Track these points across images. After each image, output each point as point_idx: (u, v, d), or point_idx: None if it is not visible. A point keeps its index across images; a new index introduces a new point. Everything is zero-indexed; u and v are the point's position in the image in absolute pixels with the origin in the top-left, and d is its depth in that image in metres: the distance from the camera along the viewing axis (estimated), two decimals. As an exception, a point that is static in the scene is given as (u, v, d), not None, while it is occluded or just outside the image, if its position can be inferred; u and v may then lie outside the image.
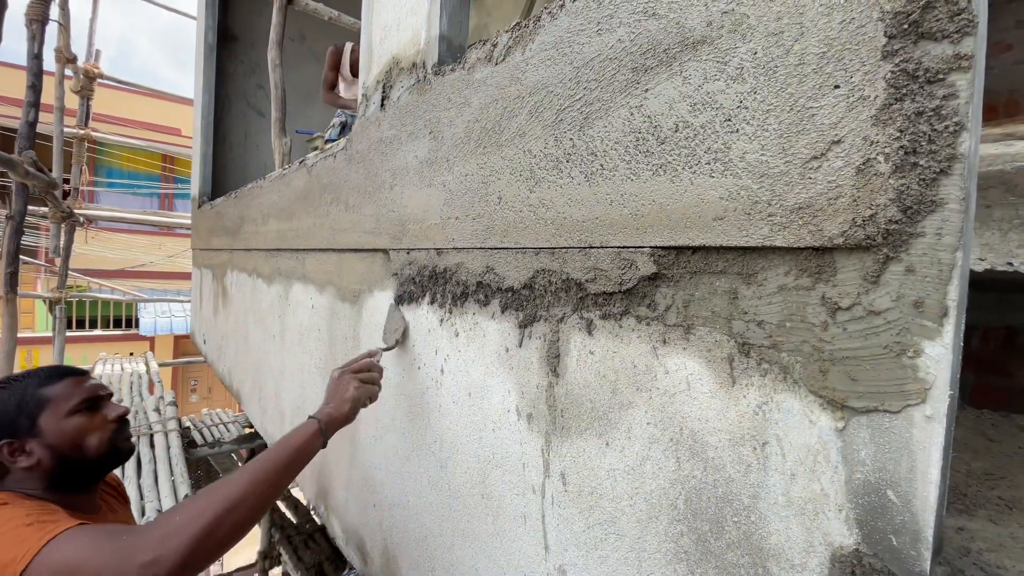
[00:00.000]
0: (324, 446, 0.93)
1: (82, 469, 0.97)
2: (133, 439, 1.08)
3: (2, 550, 0.74)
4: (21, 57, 3.03)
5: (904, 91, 0.43)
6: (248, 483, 0.80)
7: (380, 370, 1.06)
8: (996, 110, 1.79)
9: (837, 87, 0.47)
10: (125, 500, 1.22)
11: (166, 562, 0.70)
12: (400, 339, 1.14)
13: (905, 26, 0.43)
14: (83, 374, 1.04)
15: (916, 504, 0.44)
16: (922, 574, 0.43)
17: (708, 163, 0.56)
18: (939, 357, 0.43)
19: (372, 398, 1.02)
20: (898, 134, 0.44)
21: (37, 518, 0.80)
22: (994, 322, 1.69)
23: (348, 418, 0.97)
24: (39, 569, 0.72)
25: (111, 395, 1.08)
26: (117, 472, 1.14)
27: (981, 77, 0.43)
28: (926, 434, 0.43)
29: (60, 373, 1.00)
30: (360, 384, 1.00)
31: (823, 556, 0.49)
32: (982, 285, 1.56)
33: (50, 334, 5.04)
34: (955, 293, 0.42)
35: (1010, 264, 1.18)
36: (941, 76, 0.42)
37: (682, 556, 0.61)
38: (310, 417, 0.94)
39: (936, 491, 0.43)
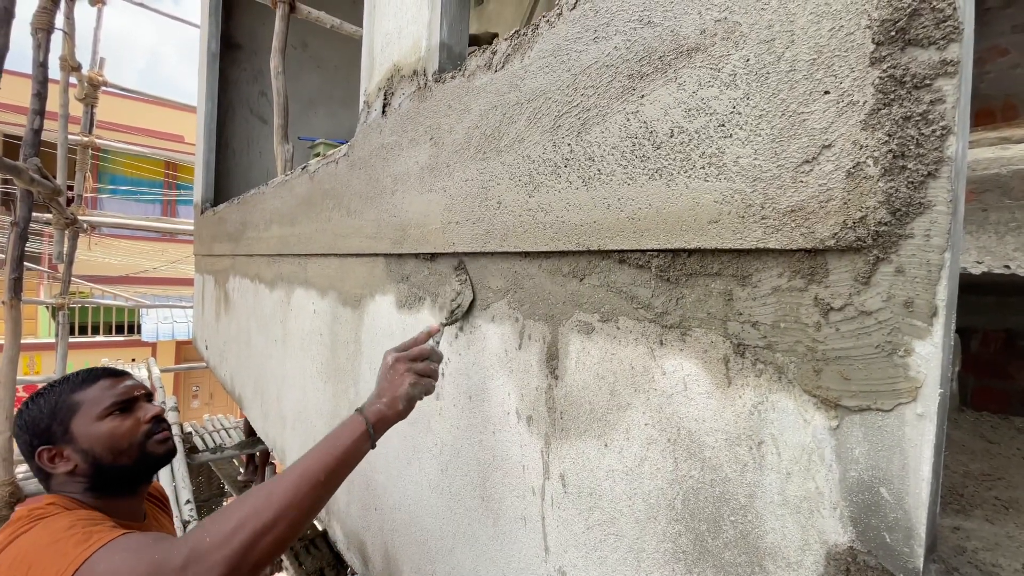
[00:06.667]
0: (373, 447, 0.82)
1: (119, 473, 0.96)
2: (171, 442, 1.04)
3: (45, 564, 0.73)
4: (27, 65, 3.06)
5: (892, 96, 0.44)
6: (285, 500, 0.72)
7: (440, 357, 0.91)
8: (993, 114, 1.80)
9: (827, 93, 0.48)
10: (168, 511, 1.21)
11: None
12: (467, 307, 0.94)
13: (892, 33, 0.44)
14: (119, 375, 1.03)
15: (909, 501, 0.44)
16: (916, 571, 0.44)
17: (703, 167, 0.58)
18: (929, 356, 0.43)
19: (429, 391, 0.87)
20: (886, 138, 0.45)
21: (80, 528, 0.78)
22: (993, 325, 1.69)
23: (401, 416, 0.84)
24: None
25: (149, 395, 1.06)
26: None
27: (968, 82, 0.44)
28: (918, 432, 0.44)
29: (94, 376, 1.00)
30: (417, 378, 0.84)
31: (818, 554, 0.50)
32: (981, 288, 1.56)
33: (53, 340, 5.05)
34: (944, 293, 0.43)
35: (1007, 267, 1.19)
36: (928, 82, 0.43)
37: (680, 556, 0.62)
38: (358, 410, 0.83)
39: (928, 488, 0.43)
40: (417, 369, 0.85)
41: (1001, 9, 1.84)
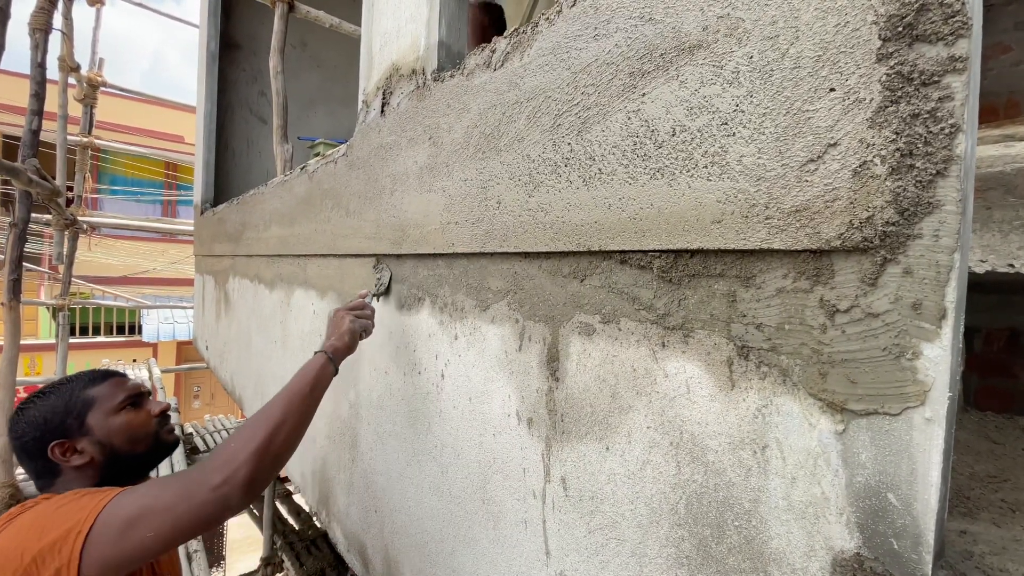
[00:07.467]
0: (336, 373, 1.01)
1: (132, 463, 1.01)
2: (176, 432, 1.13)
3: (62, 519, 0.76)
4: (25, 66, 3.05)
5: (899, 93, 0.43)
6: (283, 409, 0.88)
7: (372, 310, 1.17)
8: (996, 112, 1.79)
9: (832, 90, 0.47)
10: None
11: (235, 479, 0.78)
12: (387, 284, 1.27)
13: (899, 29, 0.43)
14: (123, 376, 1.09)
15: (917, 507, 0.43)
16: (924, 578, 0.43)
17: (705, 167, 0.57)
18: (938, 359, 0.43)
19: (367, 331, 1.12)
20: (894, 136, 0.44)
21: (90, 491, 0.83)
22: (997, 324, 1.68)
23: (349, 347, 1.06)
24: (107, 523, 0.75)
25: (150, 393, 1.13)
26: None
27: (976, 79, 0.43)
28: (926, 436, 0.43)
29: (102, 375, 1.06)
30: (355, 318, 1.09)
31: (824, 560, 0.49)
32: (984, 287, 1.55)
33: (53, 341, 5.05)
34: (953, 295, 0.42)
35: (1011, 266, 1.18)
36: (936, 78, 0.42)
37: (683, 561, 0.61)
38: (316, 352, 1.01)
39: (937, 494, 0.42)
40: (355, 314, 1.11)
41: (1004, 6, 1.83)
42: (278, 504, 3.84)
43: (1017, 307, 1.64)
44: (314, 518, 3.58)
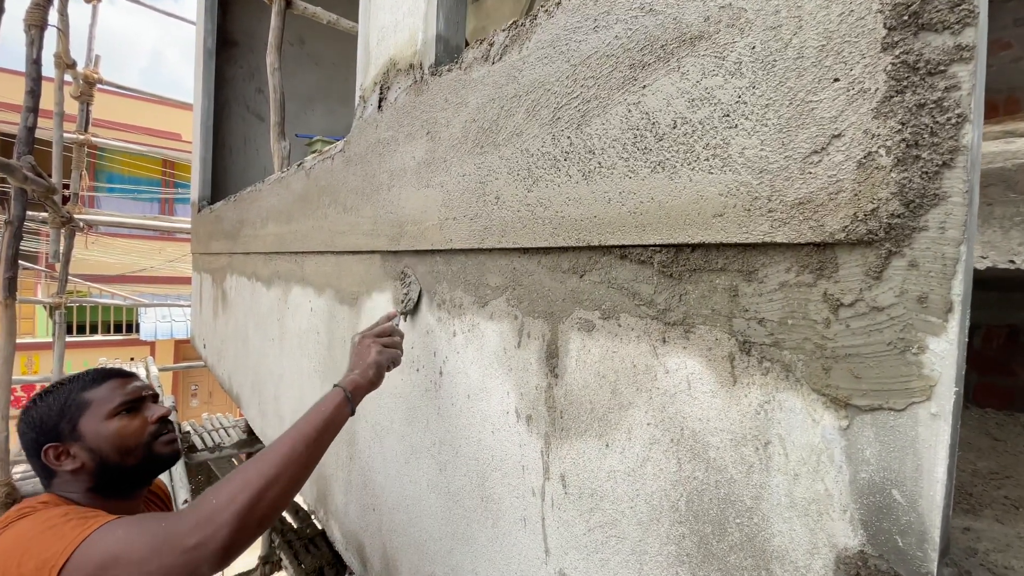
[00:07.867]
0: (352, 413, 0.90)
1: (124, 473, 0.96)
2: (176, 444, 1.05)
3: (41, 547, 0.73)
4: (20, 63, 3.03)
5: (905, 83, 0.43)
6: (282, 459, 0.79)
7: (401, 334, 1.04)
8: (996, 108, 1.78)
9: (837, 80, 0.46)
10: (169, 510, 1.20)
11: (210, 544, 0.70)
12: (416, 302, 1.13)
13: (905, 17, 0.42)
14: (127, 376, 1.04)
15: (922, 504, 0.43)
16: (929, 575, 0.42)
17: (707, 159, 0.56)
18: (944, 353, 0.42)
19: (395, 362, 1.00)
20: (899, 127, 0.43)
21: (76, 515, 0.79)
22: (996, 320, 1.68)
23: (373, 384, 0.94)
24: (80, 564, 0.71)
25: (156, 396, 1.07)
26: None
27: (983, 68, 0.42)
28: (932, 432, 0.42)
29: (104, 375, 1.01)
30: (382, 348, 0.97)
31: (827, 558, 0.48)
32: (984, 283, 1.55)
33: (50, 340, 5.03)
34: (959, 288, 0.41)
35: (1012, 262, 1.17)
36: (942, 68, 0.41)
37: (684, 559, 0.60)
38: (335, 386, 0.91)
39: (942, 490, 0.42)
40: (382, 342, 0.98)
41: (1003, 2, 1.83)
42: (276, 503, 3.82)
43: (1017, 304, 1.64)
44: (312, 516, 3.58)
